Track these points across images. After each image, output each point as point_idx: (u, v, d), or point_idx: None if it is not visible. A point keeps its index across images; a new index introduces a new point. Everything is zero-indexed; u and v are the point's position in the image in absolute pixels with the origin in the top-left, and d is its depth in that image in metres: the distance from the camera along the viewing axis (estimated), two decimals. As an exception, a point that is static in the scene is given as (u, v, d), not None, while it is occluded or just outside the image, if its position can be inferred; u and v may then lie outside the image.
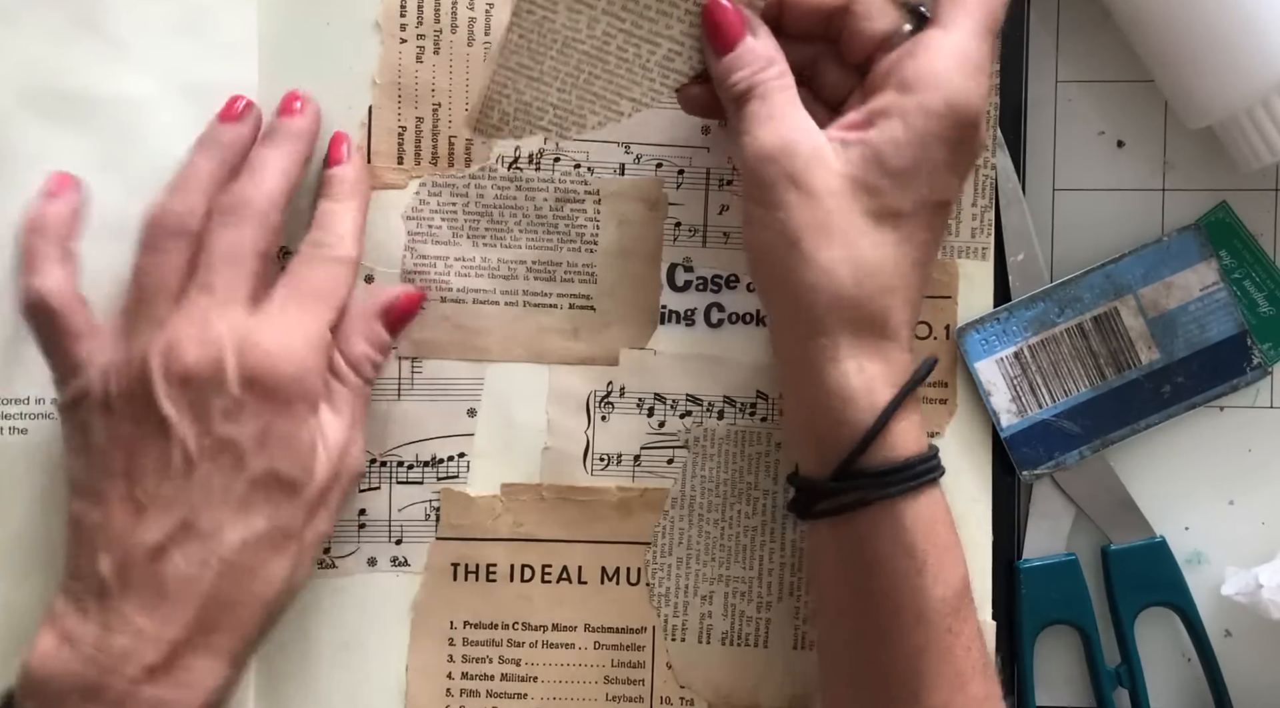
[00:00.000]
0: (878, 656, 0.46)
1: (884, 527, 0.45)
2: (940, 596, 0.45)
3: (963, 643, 0.45)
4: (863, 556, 0.46)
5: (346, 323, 0.51)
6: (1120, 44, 0.54)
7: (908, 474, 0.45)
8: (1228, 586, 0.54)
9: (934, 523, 0.45)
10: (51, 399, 0.52)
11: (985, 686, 0.46)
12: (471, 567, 0.55)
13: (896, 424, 0.45)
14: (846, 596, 0.47)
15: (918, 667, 0.45)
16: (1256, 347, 0.55)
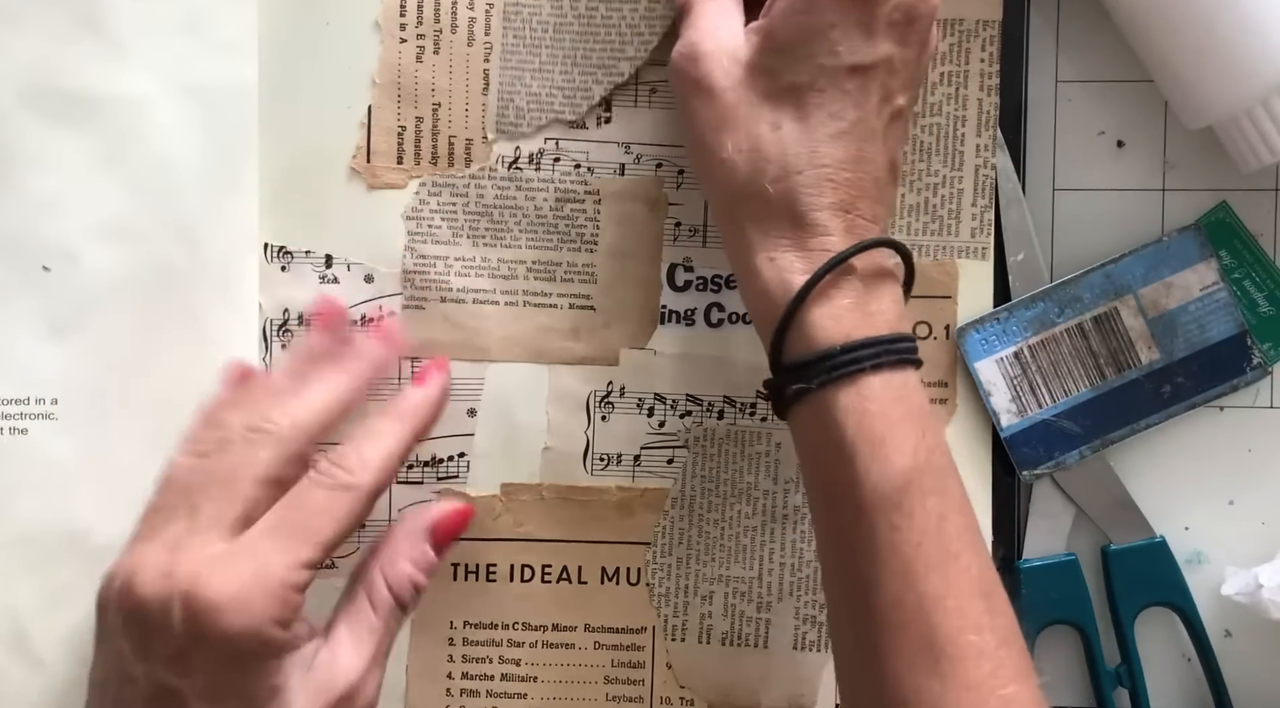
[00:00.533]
0: (836, 552, 0.45)
1: (814, 420, 0.44)
2: (875, 489, 0.43)
3: (908, 538, 0.42)
4: (804, 449, 0.45)
5: (393, 543, 0.49)
6: (1120, 44, 0.54)
7: (826, 365, 0.43)
8: (1228, 585, 0.54)
9: (863, 415, 0.43)
10: (52, 399, 0.52)
11: (942, 583, 0.42)
12: (471, 567, 0.55)
13: (814, 313, 0.44)
14: (808, 490, 0.46)
15: (865, 563, 0.43)
16: (1256, 347, 0.55)
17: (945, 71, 0.54)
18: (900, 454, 0.43)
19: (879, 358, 0.44)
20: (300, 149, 0.53)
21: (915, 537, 0.43)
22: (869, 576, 0.43)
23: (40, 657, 0.52)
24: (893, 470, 0.43)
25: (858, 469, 0.43)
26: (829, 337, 0.44)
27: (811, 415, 0.44)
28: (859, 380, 0.43)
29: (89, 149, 0.53)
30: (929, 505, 0.43)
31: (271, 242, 0.54)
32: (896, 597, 0.42)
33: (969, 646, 0.42)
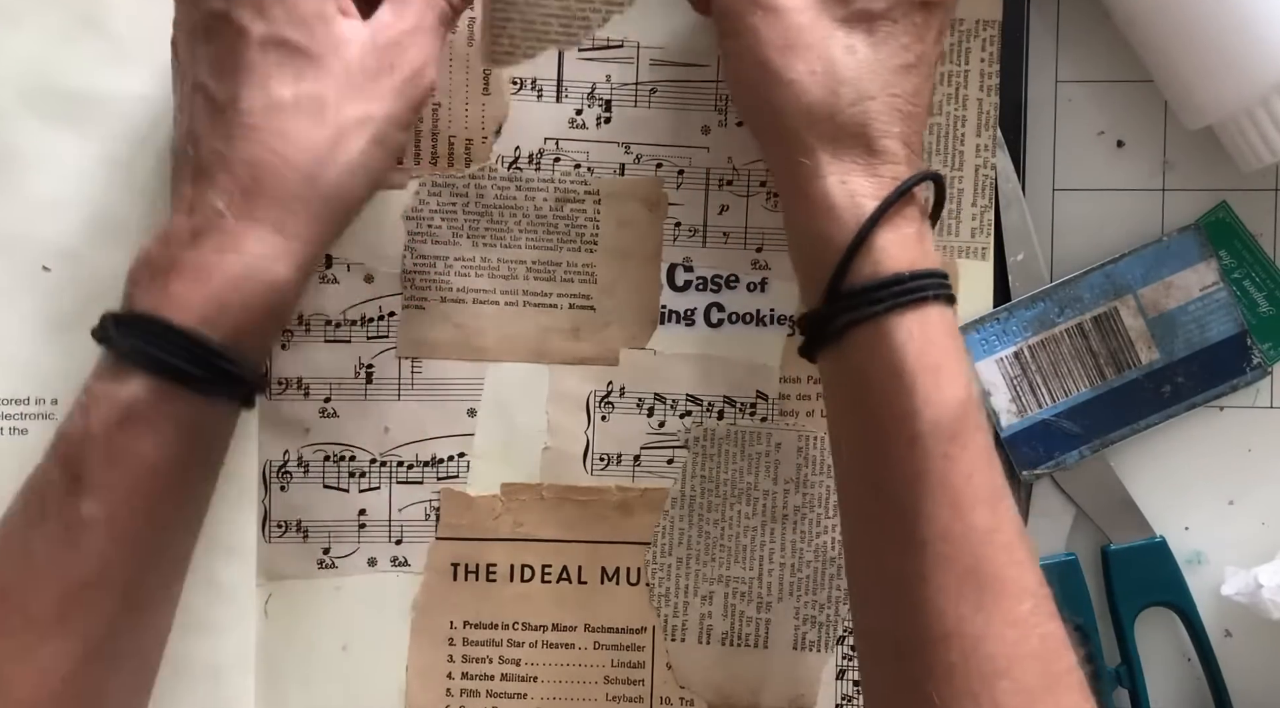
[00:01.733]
0: (877, 485, 0.44)
1: (872, 346, 0.44)
2: (933, 418, 0.42)
3: (960, 469, 0.42)
4: (854, 379, 0.44)
5: None
6: (1120, 44, 0.54)
7: (895, 290, 0.43)
8: (1228, 586, 0.54)
9: (926, 343, 0.43)
10: (52, 399, 0.52)
11: (991, 517, 0.42)
12: (471, 567, 0.55)
13: (883, 237, 0.44)
14: (847, 427, 0.45)
15: (914, 493, 0.42)
16: (1256, 347, 0.55)
17: (945, 71, 0.54)
18: (956, 386, 0.43)
19: (940, 289, 0.44)
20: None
21: (967, 469, 0.42)
22: (916, 506, 0.42)
23: (40, 657, 0.52)
24: (951, 401, 0.43)
25: (916, 397, 0.42)
26: (896, 263, 0.43)
27: (868, 342, 0.43)
28: (923, 308, 0.43)
29: (89, 149, 0.53)
30: (980, 440, 0.43)
31: (271, 242, 0.53)
32: (945, 527, 0.42)
33: (1013, 581, 0.42)
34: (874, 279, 0.43)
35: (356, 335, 0.54)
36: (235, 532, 0.53)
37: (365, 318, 0.54)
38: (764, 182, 0.55)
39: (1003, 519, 0.43)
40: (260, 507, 0.54)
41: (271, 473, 0.54)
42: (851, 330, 0.44)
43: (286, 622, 0.54)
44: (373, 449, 0.54)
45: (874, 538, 0.44)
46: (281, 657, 0.54)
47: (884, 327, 0.43)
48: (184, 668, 0.53)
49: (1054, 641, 0.42)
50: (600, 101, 0.54)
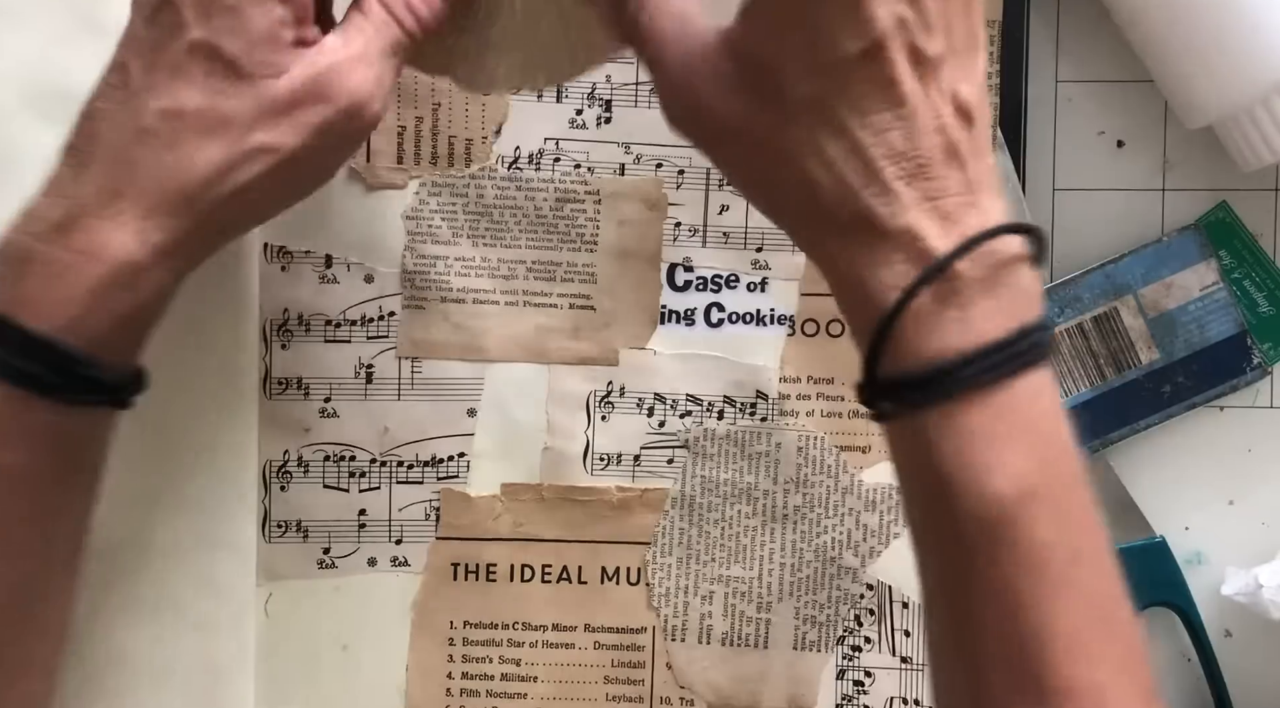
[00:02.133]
0: (929, 585, 0.41)
1: (906, 442, 0.40)
2: (972, 520, 0.38)
3: (1007, 573, 0.38)
4: (902, 469, 0.41)
5: None
6: (1120, 44, 0.54)
7: (934, 386, 0.38)
8: (1228, 586, 0.54)
9: (960, 437, 0.38)
10: (51, 399, 0.52)
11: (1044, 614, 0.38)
12: (471, 567, 0.55)
13: (912, 327, 0.38)
14: (907, 514, 0.42)
15: (964, 595, 0.39)
16: (1256, 347, 0.55)
17: (945, 71, 0.54)
18: (1002, 478, 0.38)
19: (991, 369, 0.38)
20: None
21: (1016, 569, 0.38)
22: (966, 610, 0.39)
23: (40, 657, 0.52)
24: (992, 496, 0.38)
25: (954, 496, 0.38)
26: (918, 354, 0.38)
27: (907, 434, 0.40)
28: (957, 400, 0.38)
29: (89, 149, 0.52)
30: (1038, 533, 0.38)
31: (271, 241, 0.54)
32: (996, 632, 0.38)
33: (1078, 680, 0.38)
34: (901, 374, 0.39)
35: (356, 335, 0.54)
36: (235, 532, 0.53)
37: (365, 318, 0.54)
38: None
39: (1069, 610, 0.39)
40: (260, 507, 0.54)
41: (271, 473, 0.54)
42: (889, 421, 0.40)
43: (286, 622, 0.54)
44: (373, 449, 0.54)
45: (936, 629, 0.41)
46: (281, 657, 0.54)
47: (915, 423, 0.39)
48: (184, 668, 0.53)
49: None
50: (600, 101, 0.54)
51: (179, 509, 0.53)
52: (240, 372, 0.53)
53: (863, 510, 0.55)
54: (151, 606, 0.53)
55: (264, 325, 0.54)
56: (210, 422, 0.53)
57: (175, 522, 0.53)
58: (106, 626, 0.53)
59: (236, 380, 0.53)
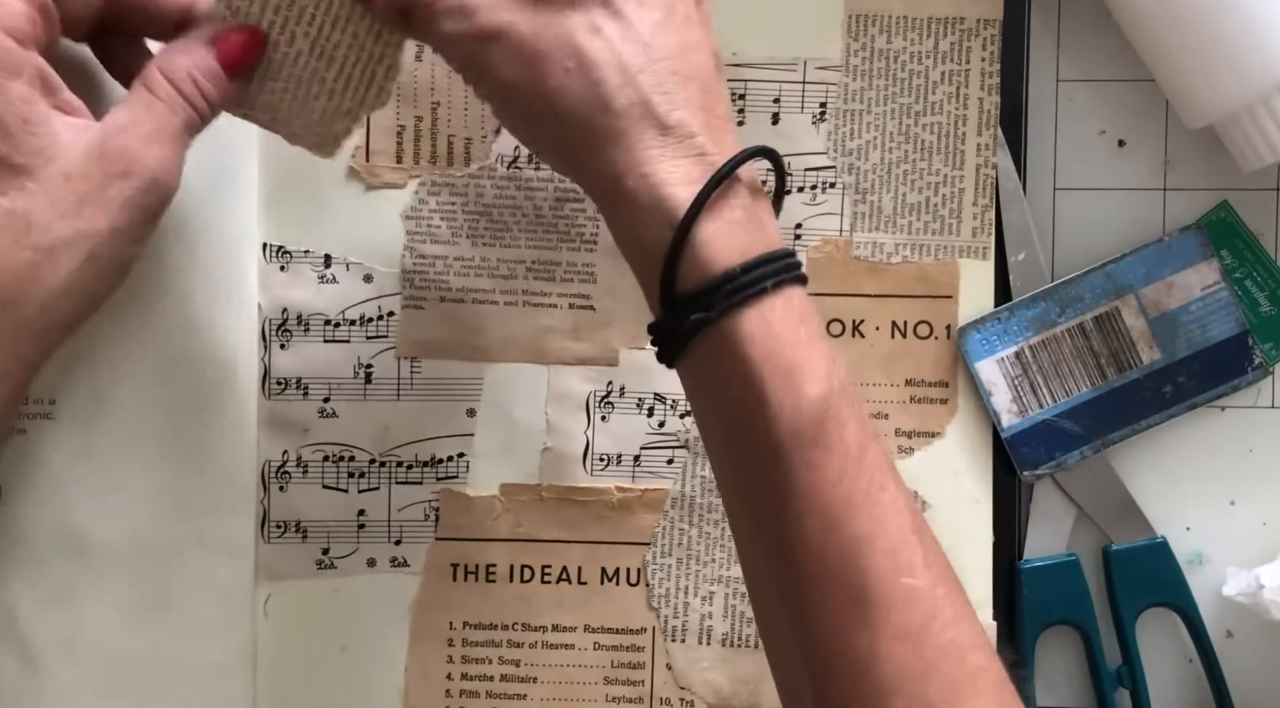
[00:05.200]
0: (749, 502, 0.41)
1: (716, 355, 0.40)
2: (791, 426, 0.39)
3: (828, 476, 0.39)
4: (708, 390, 0.41)
5: (173, 44, 0.45)
6: (1121, 43, 0.54)
7: (727, 289, 0.39)
8: (1229, 586, 0.54)
9: (773, 341, 0.39)
10: (50, 399, 0.52)
11: (869, 521, 0.39)
12: (471, 567, 0.55)
13: (705, 231, 0.39)
14: (712, 440, 0.42)
15: (783, 511, 0.39)
16: (1258, 346, 0.55)
17: (946, 70, 0.54)
18: (813, 381, 0.39)
19: (779, 275, 0.40)
20: (299, 149, 0.53)
21: (835, 474, 0.39)
22: (788, 523, 0.39)
23: (38, 656, 0.52)
24: (807, 400, 0.39)
25: (769, 403, 0.39)
26: (727, 256, 0.39)
27: (711, 351, 0.40)
28: (762, 302, 0.39)
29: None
30: (848, 435, 0.39)
31: (270, 241, 0.53)
32: (820, 544, 0.39)
33: (900, 590, 0.38)
34: (702, 282, 0.39)
35: (356, 335, 0.54)
36: (234, 532, 0.53)
37: (365, 318, 0.54)
38: (764, 181, 0.55)
39: (884, 520, 0.39)
40: (259, 507, 0.54)
41: (270, 473, 0.54)
42: (693, 341, 0.40)
43: (286, 622, 0.54)
44: (372, 449, 0.54)
45: (753, 561, 0.41)
46: (281, 657, 0.54)
47: (724, 332, 0.39)
48: (184, 668, 0.53)
49: (955, 647, 0.38)
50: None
51: (179, 509, 0.53)
52: (239, 372, 0.53)
53: (863, 511, 0.55)
54: (151, 606, 0.53)
55: (263, 325, 0.54)
56: (210, 422, 0.53)
57: (175, 522, 0.53)
58: (106, 626, 0.53)
59: (236, 380, 0.53)
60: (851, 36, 0.54)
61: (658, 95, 0.40)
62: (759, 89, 0.54)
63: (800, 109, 0.55)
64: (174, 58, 0.44)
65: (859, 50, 0.54)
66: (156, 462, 0.53)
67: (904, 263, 0.55)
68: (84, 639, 0.53)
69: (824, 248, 0.55)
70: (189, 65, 0.44)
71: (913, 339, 0.55)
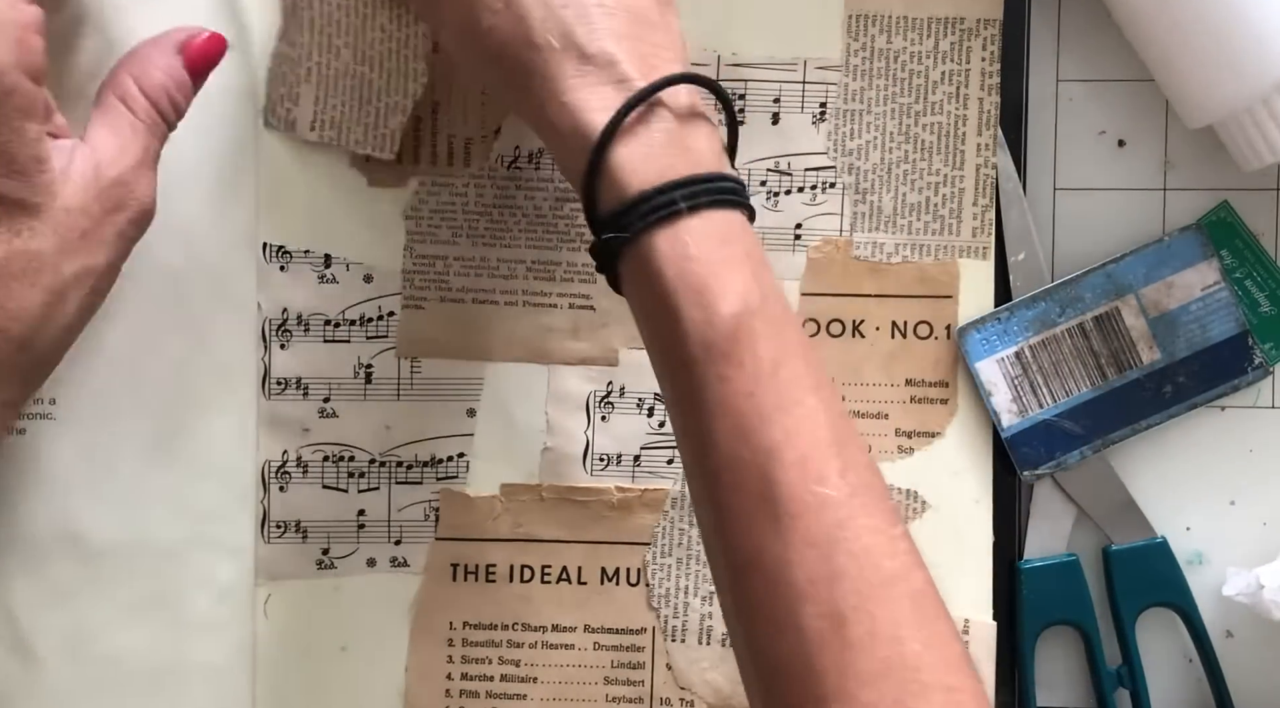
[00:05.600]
0: (674, 412, 0.42)
1: (635, 273, 0.41)
2: (701, 340, 0.40)
3: (739, 389, 0.40)
4: (634, 306, 0.43)
5: (140, 55, 0.46)
6: (1121, 43, 0.54)
7: (643, 210, 0.40)
8: (1229, 586, 0.54)
9: (686, 261, 0.40)
10: (51, 399, 0.52)
11: (781, 432, 0.39)
12: (471, 567, 0.55)
13: (621, 154, 0.41)
14: (648, 352, 0.43)
15: (698, 420, 0.40)
16: (1258, 346, 0.55)
17: (946, 70, 0.54)
18: (725, 300, 0.40)
19: (697, 197, 0.40)
20: (299, 148, 0.53)
21: (747, 387, 0.40)
22: (704, 433, 0.40)
23: (38, 657, 0.52)
24: (718, 317, 0.40)
25: (682, 319, 0.40)
26: (642, 179, 0.41)
27: (635, 270, 0.41)
28: (677, 223, 0.40)
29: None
30: (760, 352, 0.40)
31: (270, 241, 0.53)
32: (732, 452, 0.40)
33: (811, 497, 0.39)
34: (619, 204, 0.41)
35: (356, 335, 0.54)
36: (234, 532, 0.53)
37: (365, 318, 0.54)
38: (764, 181, 0.55)
39: (795, 432, 0.39)
40: (259, 507, 0.54)
41: (270, 473, 0.54)
42: (620, 261, 0.42)
43: (286, 622, 0.54)
44: (372, 449, 0.54)
45: (687, 471, 0.42)
46: (281, 657, 0.54)
47: (640, 251, 0.41)
48: (184, 668, 0.53)
49: (869, 555, 0.39)
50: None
51: (179, 509, 0.53)
52: (240, 372, 0.53)
53: (863, 511, 0.55)
54: (151, 606, 0.53)
55: (263, 325, 0.54)
56: (210, 422, 0.53)
57: (175, 522, 0.53)
58: (106, 626, 0.53)
59: (236, 380, 0.53)
60: (851, 36, 0.54)
61: (580, 26, 0.41)
62: (759, 89, 0.54)
63: (800, 109, 0.55)
64: (148, 70, 0.45)
65: (859, 50, 0.54)
66: (156, 462, 0.53)
67: (904, 263, 0.55)
68: (84, 639, 0.53)
69: (824, 248, 0.55)
70: (163, 80, 0.45)
71: (913, 339, 0.55)
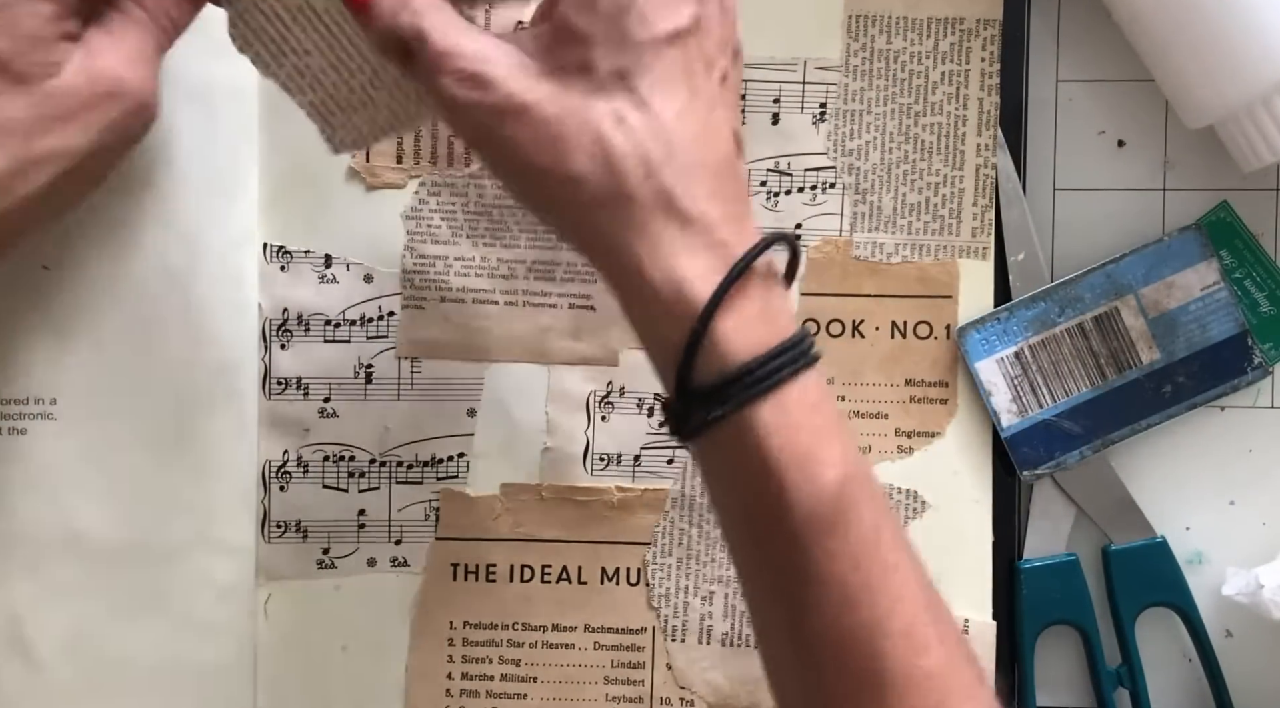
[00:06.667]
0: (766, 586, 0.41)
1: (733, 444, 0.40)
2: (806, 512, 0.39)
3: (844, 563, 0.39)
4: (724, 473, 0.41)
5: None
6: (1121, 44, 0.54)
7: (746, 382, 0.39)
8: (1228, 586, 0.54)
9: (790, 430, 0.39)
10: (51, 399, 0.52)
11: (885, 600, 0.39)
12: (471, 567, 0.55)
13: (724, 325, 0.39)
14: (726, 518, 0.42)
15: (799, 592, 0.39)
16: (1257, 346, 0.55)
17: (946, 70, 0.54)
18: (829, 467, 0.39)
19: (795, 364, 0.40)
20: (299, 148, 0.53)
21: (851, 560, 0.39)
22: (804, 609, 0.40)
23: (38, 657, 0.52)
24: (822, 488, 0.39)
25: (787, 492, 0.39)
26: (743, 350, 0.39)
27: (727, 439, 0.40)
28: (781, 391, 0.39)
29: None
30: (864, 519, 0.40)
31: (271, 241, 0.54)
32: (835, 627, 0.39)
33: (916, 672, 0.39)
34: (721, 376, 0.39)
35: (356, 335, 0.54)
36: (235, 532, 0.53)
37: (365, 318, 0.54)
38: (764, 181, 0.55)
39: (899, 599, 0.40)
40: (259, 507, 0.54)
41: (271, 473, 0.54)
42: (709, 429, 0.40)
43: (286, 622, 0.54)
44: (372, 449, 0.54)
45: (772, 643, 0.42)
46: (281, 657, 0.54)
47: (740, 424, 0.39)
48: (184, 668, 0.53)
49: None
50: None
51: (179, 509, 0.53)
52: (240, 372, 0.53)
53: (863, 511, 0.55)
54: (151, 606, 0.53)
55: (264, 325, 0.54)
56: (210, 422, 0.53)
57: (175, 522, 0.53)
58: (106, 626, 0.53)
59: (236, 380, 0.53)
60: (851, 36, 0.54)
61: (680, 188, 0.40)
62: (759, 89, 0.54)
63: (800, 109, 0.55)
64: None
65: (859, 50, 0.54)
66: (157, 462, 0.53)
67: (904, 263, 0.55)
68: (84, 639, 0.53)
69: (824, 248, 0.55)
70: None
71: (912, 339, 0.55)
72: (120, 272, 0.52)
